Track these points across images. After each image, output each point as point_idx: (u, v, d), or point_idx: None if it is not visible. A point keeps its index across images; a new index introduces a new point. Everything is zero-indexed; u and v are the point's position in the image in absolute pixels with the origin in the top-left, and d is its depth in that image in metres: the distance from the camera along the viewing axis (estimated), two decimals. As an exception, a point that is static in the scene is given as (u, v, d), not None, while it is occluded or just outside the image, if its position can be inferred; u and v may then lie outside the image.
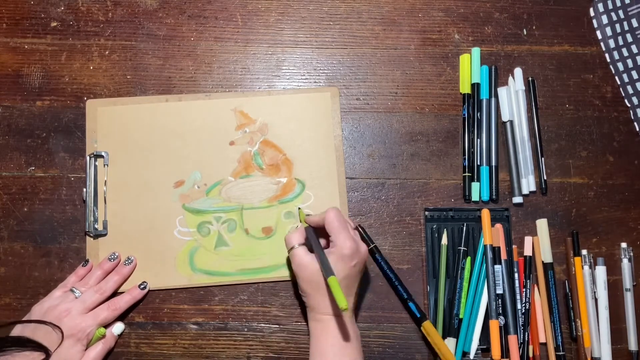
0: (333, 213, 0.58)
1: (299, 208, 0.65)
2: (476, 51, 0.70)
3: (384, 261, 0.65)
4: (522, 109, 0.69)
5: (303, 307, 0.64)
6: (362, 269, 0.59)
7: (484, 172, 0.68)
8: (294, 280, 0.64)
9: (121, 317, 0.63)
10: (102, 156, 0.66)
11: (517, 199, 0.67)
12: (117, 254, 0.64)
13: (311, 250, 0.59)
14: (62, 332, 0.57)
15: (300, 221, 0.64)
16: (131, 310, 0.64)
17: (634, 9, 0.70)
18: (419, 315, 0.63)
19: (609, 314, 0.65)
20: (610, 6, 0.71)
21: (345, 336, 0.56)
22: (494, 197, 0.67)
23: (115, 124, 0.67)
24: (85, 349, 0.59)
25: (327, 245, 0.60)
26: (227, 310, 0.64)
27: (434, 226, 0.66)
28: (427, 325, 0.63)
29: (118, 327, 0.62)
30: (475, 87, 0.69)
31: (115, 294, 0.63)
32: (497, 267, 0.64)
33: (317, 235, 0.60)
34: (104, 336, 0.60)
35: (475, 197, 0.67)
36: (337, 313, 0.57)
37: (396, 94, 0.70)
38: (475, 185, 0.67)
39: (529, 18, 0.72)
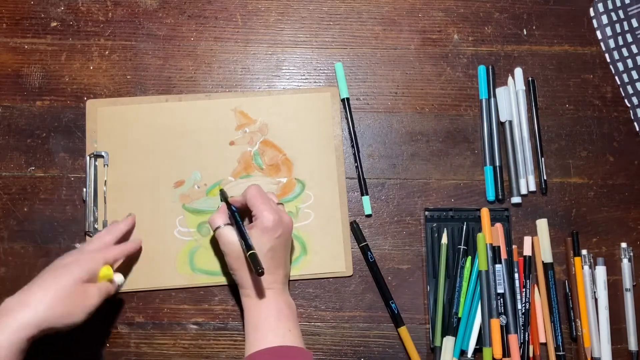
0: (253, 189, 0.59)
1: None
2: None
3: (374, 262, 0.65)
4: (522, 109, 0.69)
5: (303, 308, 0.64)
6: (288, 240, 0.59)
7: (489, 172, 0.68)
8: (292, 281, 0.64)
9: (116, 314, 0.63)
10: (102, 156, 0.66)
11: (516, 199, 0.67)
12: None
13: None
14: None
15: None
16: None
17: (634, 9, 0.70)
18: (396, 320, 0.64)
19: (609, 314, 0.65)
20: (610, 6, 0.71)
21: (278, 308, 0.57)
22: (500, 197, 0.67)
23: (115, 124, 0.67)
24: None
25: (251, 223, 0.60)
26: (227, 310, 0.64)
27: (434, 226, 0.66)
28: (402, 331, 0.64)
29: (119, 276, 0.60)
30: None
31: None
32: (498, 266, 0.64)
33: (239, 214, 0.60)
34: (110, 280, 0.58)
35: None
36: (268, 286, 0.57)
37: (396, 94, 0.70)
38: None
39: (529, 18, 0.72)
